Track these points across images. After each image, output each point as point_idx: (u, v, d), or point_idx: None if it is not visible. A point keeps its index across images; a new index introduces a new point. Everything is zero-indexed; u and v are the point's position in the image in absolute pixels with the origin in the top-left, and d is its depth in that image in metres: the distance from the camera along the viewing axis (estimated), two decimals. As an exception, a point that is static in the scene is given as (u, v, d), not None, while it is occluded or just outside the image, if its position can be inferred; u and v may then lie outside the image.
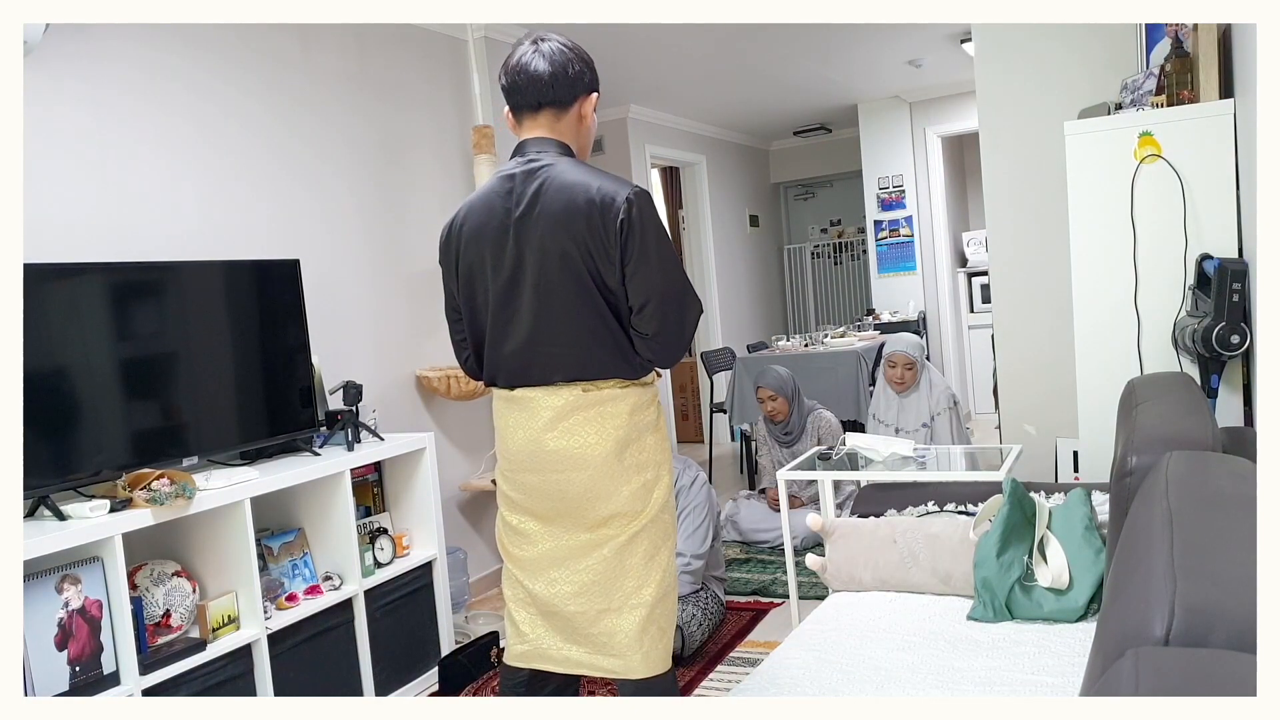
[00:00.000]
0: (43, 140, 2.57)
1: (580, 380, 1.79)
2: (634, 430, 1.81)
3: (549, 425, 1.80)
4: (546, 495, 1.83)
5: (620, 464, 1.79)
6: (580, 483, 1.80)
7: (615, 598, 1.82)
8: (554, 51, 1.80)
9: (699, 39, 4.93)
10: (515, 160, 1.84)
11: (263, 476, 2.59)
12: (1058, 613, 2.10)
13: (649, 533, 1.84)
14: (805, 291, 8.90)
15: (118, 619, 2.21)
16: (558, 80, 1.79)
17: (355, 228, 3.56)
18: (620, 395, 1.80)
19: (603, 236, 1.72)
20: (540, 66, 1.78)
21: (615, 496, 1.80)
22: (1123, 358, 2.67)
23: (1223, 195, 2.51)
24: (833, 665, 1.99)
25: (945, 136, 7.19)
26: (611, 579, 1.82)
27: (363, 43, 3.66)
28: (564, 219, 1.73)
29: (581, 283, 1.74)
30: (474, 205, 1.87)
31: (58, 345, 2.28)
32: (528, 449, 1.82)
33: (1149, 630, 0.98)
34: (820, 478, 3.01)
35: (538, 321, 1.78)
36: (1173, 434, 1.71)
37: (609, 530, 1.82)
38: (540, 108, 1.82)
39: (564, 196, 1.73)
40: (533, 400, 1.81)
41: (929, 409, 4.10)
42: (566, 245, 1.73)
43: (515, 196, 1.79)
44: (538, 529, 1.88)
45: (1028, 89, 3.49)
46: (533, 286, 1.77)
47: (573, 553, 1.84)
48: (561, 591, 1.84)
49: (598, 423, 1.79)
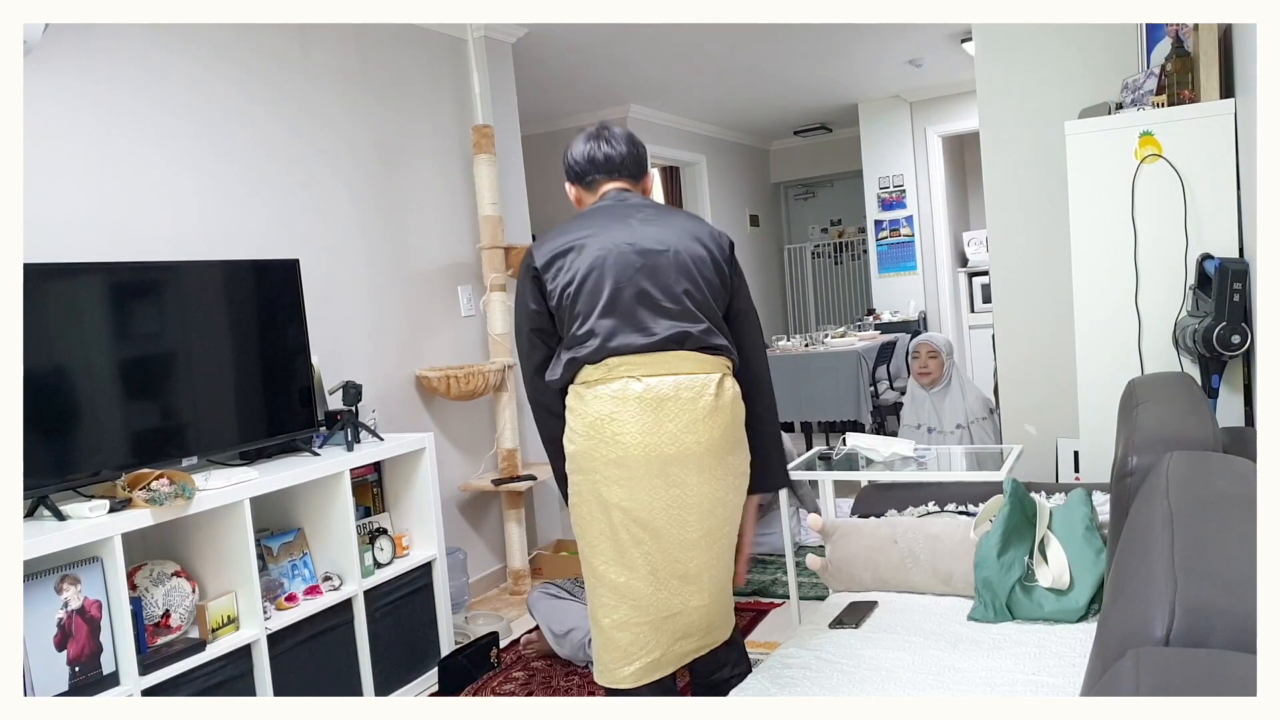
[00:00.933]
0: (43, 140, 2.56)
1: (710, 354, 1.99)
2: (742, 422, 2.06)
3: (691, 424, 1.93)
4: (678, 499, 1.94)
5: (735, 457, 2.02)
6: (707, 482, 1.97)
7: (723, 582, 2.07)
8: (622, 136, 2.17)
9: (699, 39, 4.93)
10: (610, 197, 2.11)
11: (262, 477, 2.59)
12: (1058, 613, 2.10)
13: (739, 513, 2.10)
14: (805, 291, 8.90)
15: (117, 619, 2.21)
16: (631, 156, 2.16)
17: (355, 227, 3.56)
18: (731, 386, 2.01)
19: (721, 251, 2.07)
20: (617, 148, 2.14)
21: (729, 492, 2.02)
22: (1123, 358, 2.67)
23: (1223, 195, 2.51)
24: (833, 665, 1.99)
25: (945, 136, 7.19)
26: (723, 570, 2.06)
27: (363, 43, 3.66)
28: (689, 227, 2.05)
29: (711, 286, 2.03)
30: (585, 214, 2.08)
31: (58, 345, 2.28)
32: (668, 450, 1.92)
33: (1149, 630, 0.98)
34: (820, 478, 3.01)
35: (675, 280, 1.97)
36: (1173, 434, 1.71)
37: (724, 526, 2.04)
38: (618, 175, 2.14)
39: (679, 218, 2.07)
40: (673, 396, 1.92)
41: (965, 413, 4.05)
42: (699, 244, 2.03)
43: (640, 206, 2.07)
44: (656, 542, 1.96)
45: (1028, 89, 3.49)
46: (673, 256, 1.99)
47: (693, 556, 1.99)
48: (684, 592, 2.00)
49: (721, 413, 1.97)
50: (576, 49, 4.88)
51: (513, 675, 3.11)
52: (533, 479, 3.91)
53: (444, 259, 3.99)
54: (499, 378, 3.87)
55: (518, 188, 4.46)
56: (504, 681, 3.07)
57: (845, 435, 3.22)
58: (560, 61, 5.07)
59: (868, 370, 5.77)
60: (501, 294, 3.97)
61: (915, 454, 3.03)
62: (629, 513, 1.94)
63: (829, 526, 2.54)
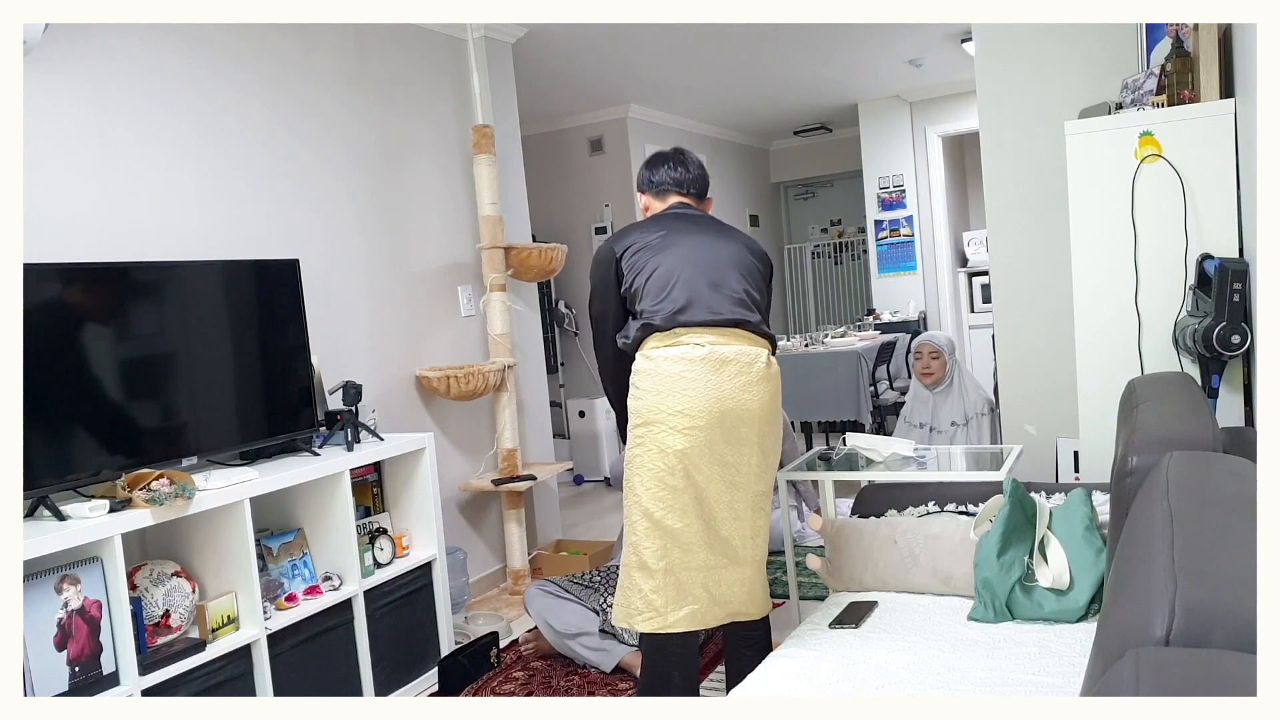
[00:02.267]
0: (43, 140, 2.56)
1: (755, 333, 2.28)
2: (780, 395, 2.33)
3: (747, 385, 2.20)
4: (733, 453, 2.20)
5: (776, 426, 2.30)
6: (758, 441, 2.23)
7: (758, 552, 2.28)
8: (695, 161, 2.52)
9: (699, 39, 4.93)
10: (677, 206, 2.46)
11: (262, 477, 2.59)
12: (1058, 613, 2.10)
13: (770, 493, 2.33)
14: (805, 291, 8.90)
15: (117, 619, 2.21)
16: (699, 179, 2.50)
17: (355, 227, 3.56)
18: (775, 364, 2.30)
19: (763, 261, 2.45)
20: (692, 172, 2.48)
21: (771, 458, 2.29)
22: (1123, 358, 2.67)
23: (1223, 195, 2.51)
24: (833, 665, 1.99)
25: (945, 136, 7.19)
26: (760, 535, 2.29)
27: (363, 43, 3.66)
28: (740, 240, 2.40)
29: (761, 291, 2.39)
30: (658, 222, 2.40)
31: (58, 345, 2.28)
32: (727, 405, 2.18)
33: (1149, 630, 0.98)
34: (820, 478, 3.01)
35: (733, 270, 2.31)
36: (1173, 434, 1.71)
37: (766, 488, 2.29)
38: (686, 192, 2.48)
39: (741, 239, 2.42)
40: (733, 359, 2.20)
41: (964, 411, 4.06)
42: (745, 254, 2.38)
43: (700, 221, 2.41)
44: (709, 489, 2.20)
45: (1028, 89, 3.49)
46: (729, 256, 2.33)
47: (741, 511, 2.24)
48: (727, 551, 2.23)
49: (770, 380, 2.26)
50: (576, 49, 4.88)
51: (513, 675, 3.11)
52: (532, 479, 3.91)
53: (444, 259, 3.99)
54: (499, 378, 3.87)
55: (518, 188, 4.46)
56: (504, 681, 3.07)
57: (845, 435, 3.22)
58: (560, 61, 5.07)
59: (868, 370, 5.77)
60: (501, 294, 3.97)
61: (915, 454, 3.03)
62: (689, 459, 2.18)
63: (829, 526, 2.54)
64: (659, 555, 2.20)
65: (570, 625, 3.07)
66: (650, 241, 2.33)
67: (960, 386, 4.09)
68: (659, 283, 2.27)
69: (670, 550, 2.20)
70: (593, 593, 3.18)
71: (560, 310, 6.58)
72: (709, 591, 2.23)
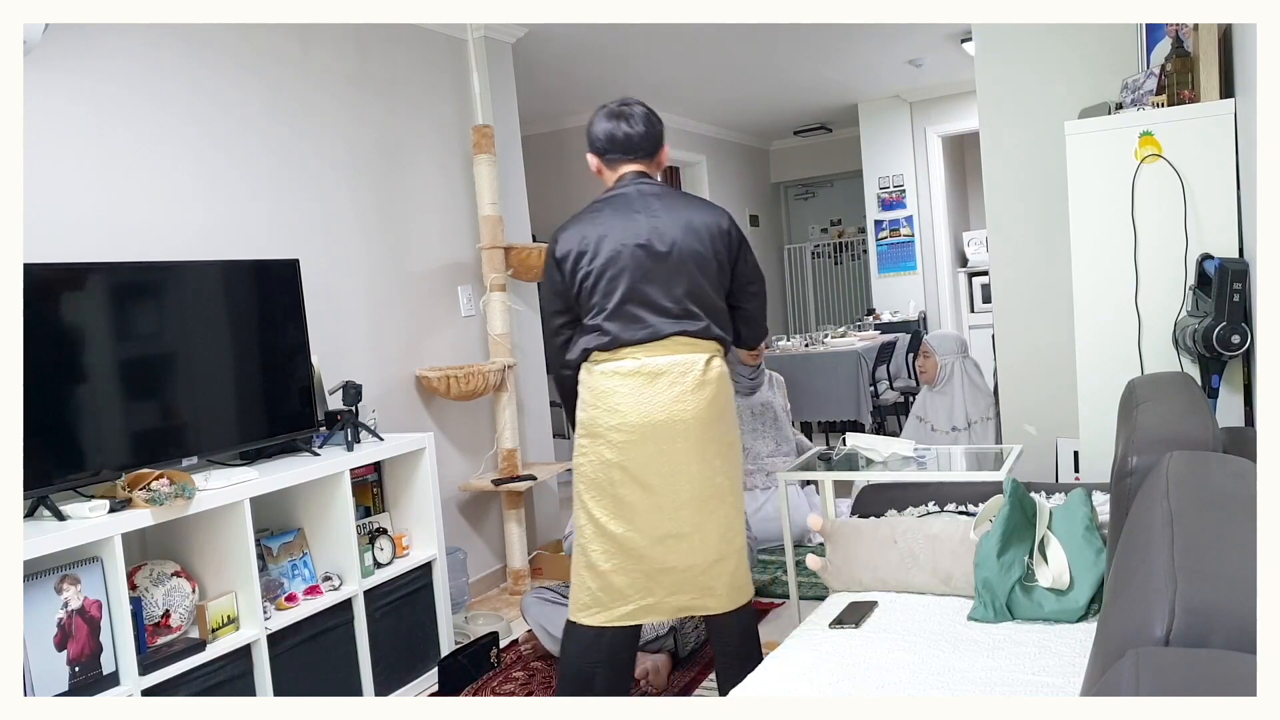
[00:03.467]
0: (43, 140, 2.56)
1: (699, 338, 2.23)
2: (731, 398, 2.29)
3: (681, 395, 2.19)
4: (666, 463, 2.20)
5: (724, 428, 2.25)
6: (697, 449, 2.20)
7: (720, 549, 2.26)
8: (641, 114, 2.33)
9: (699, 39, 4.93)
10: (632, 183, 2.31)
11: (262, 477, 2.59)
12: (1058, 613, 2.10)
13: (736, 488, 2.30)
14: (805, 291, 8.90)
15: (117, 619, 2.21)
16: (648, 136, 2.33)
17: (355, 227, 3.56)
18: (719, 365, 2.25)
19: (724, 239, 2.29)
20: (635, 127, 2.31)
21: (719, 459, 2.24)
22: (1123, 358, 2.67)
23: (1223, 195, 2.51)
24: (833, 665, 1.99)
25: (945, 136, 7.19)
26: (718, 534, 2.25)
27: (363, 43, 3.66)
28: (696, 223, 2.25)
29: (710, 280, 2.26)
30: (601, 207, 2.30)
31: (58, 345, 2.28)
32: (657, 417, 2.19)
33: (1149, 630, 0.98)
34: (820, 478, 3.01)
35: (673, 282, 2.22)
36: (1173, 434, 1.71)
37: (718, 492, 2.24)
38: (636, 157, 2.33)
39: (693, 208, 2.28)
40: (666, 370, 2.20)
41: (965, 414, 4.05)
42: (701, 239, 2.25)
43: (651, 200, 2.27)
44: (647, 499, 2.21)
45: (1028, 89, 3.49)
46: (675, 260, 2.22)
47: (684, 515, 2.22)
48: (676, 551, 2.22)
49: (707, 386, 2.22)
50: (576, 49, 4.88)
51: (513, 675, 3.11)
52: (532, 479, 3.91)
53: (444, 259, 3.99)
54: (499, 378, 3.87)
55: (518, 188, 4.46)
56: (504, 681, 3.07)
57: (845, 435, 3.21)
58: (560, 61, 5.07)
59: (868, 370, 5.77)
60: (501, 294, 3.97)
61: (915, 454, 3.03)
62: (627, 471, 2.21)
63: (829, 526, 2.54)
64: (605, 557, 2.25)
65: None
66: (591, 240, 2.25)
67: (961, 388, 4.08)
68: (599, 300, 2.24)
69: (615, 554, 2.24)
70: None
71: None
72: (653, 591, 2.25)
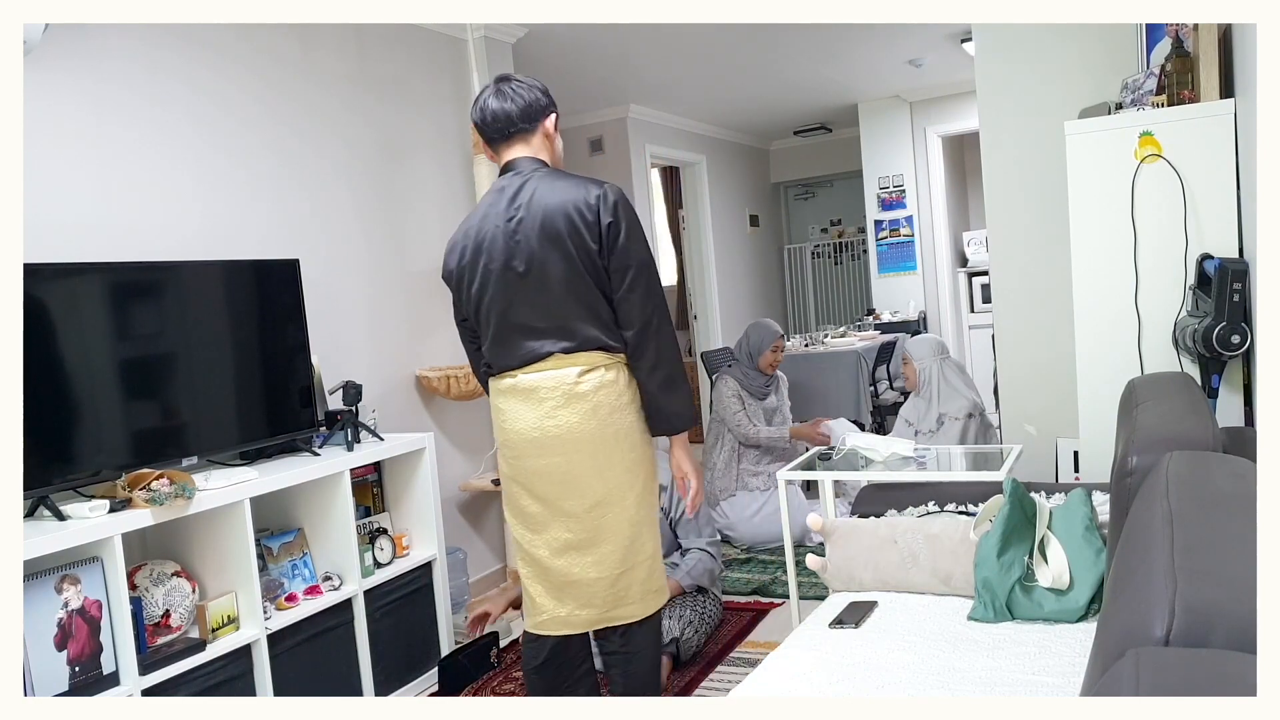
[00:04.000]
0: (43, 140, 2.56)
1: (576, 352, 2.11)
2: (621, 408, 2.14)
3: (551, 411, 2.11)
4: (554, 478, 2.14)
5: (615, 441, 2.12)
6: (579, 463, 2.12)
7: (627, 560, 2.17)
8: (514, 90, 2.17)
9: (699, 38, 4.93)
10: (505, 176, 2.19)
11: (262, 476, 2.59)
12: (1058, 613, 2.10)
13: (644, 500, 2.19)
14: (805, 291, 8.90)
15: (117, 619, 2.21)
16: (521, 113, 2.17)
17: (355, 227, 3.56)
18: (607, 376, 2.12)
19: (590, 226, 2.08)
20: (506, 105, 2.15)
21: (610, 473, 2.13)
22: (1123, 358, 2.67)
23: (1223, 195, 2.51)
24: (832, 665, 1.99)
25: (945, 136, 7.19)
26: (621, 547, 2.16)
27: (362, 43, 3.66)
28: (554, 217, 2.08)
29: (574, 287, 2.09)
30: (472, 220, 2.20)
31: (58, 345, 2.28)
32: (533, 434, 2.13)
33: (1149, 630, 0.98)
34: (820, 478, 3.01)
35: (538, 303, 2.11)
36: (1173, 434, 1.71)
37: (610, 505, 2.14)
38: (512, 136, 2.19)
39: (555, 197, 2.09)
40: (536, 387, 2.12)
41: (936, 412, 4.07)
42: (559, 238, 2.08)
43: (513, 205, 2.13)
44: (544, 512, 2.18)
45: (1028, 89, 3.49)
46: (535, 278, 2.10)
47: (581, 527, 2.15)
48: (579, 564, 2.17)
49: (583, 399, 2.10)
50: (576, 49, 4.88)
51: (513, 675, 3.11)
52: (533, 479, 3.91)
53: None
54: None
55: (518, 188, 4.45)
56: (504, 681, 3.07)
57: (845, 435, 3.21)
58: (560, 61, 5.07)
59: (867, 370, 5.77)
60: (501, 294, 3.97)
61: (915, 454, 3.03)
62: (520, 484, 2.20)
63: (829, 526, 2.54)
64: (523, 565, 2.28)
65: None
66: (465, 271, 2.18)
67: (936, 391, 4.10)
68: (483, 330, 2.20)
69: (527, 563, 2.26)
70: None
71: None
72: (564, 603, 2.20)
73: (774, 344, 4.50)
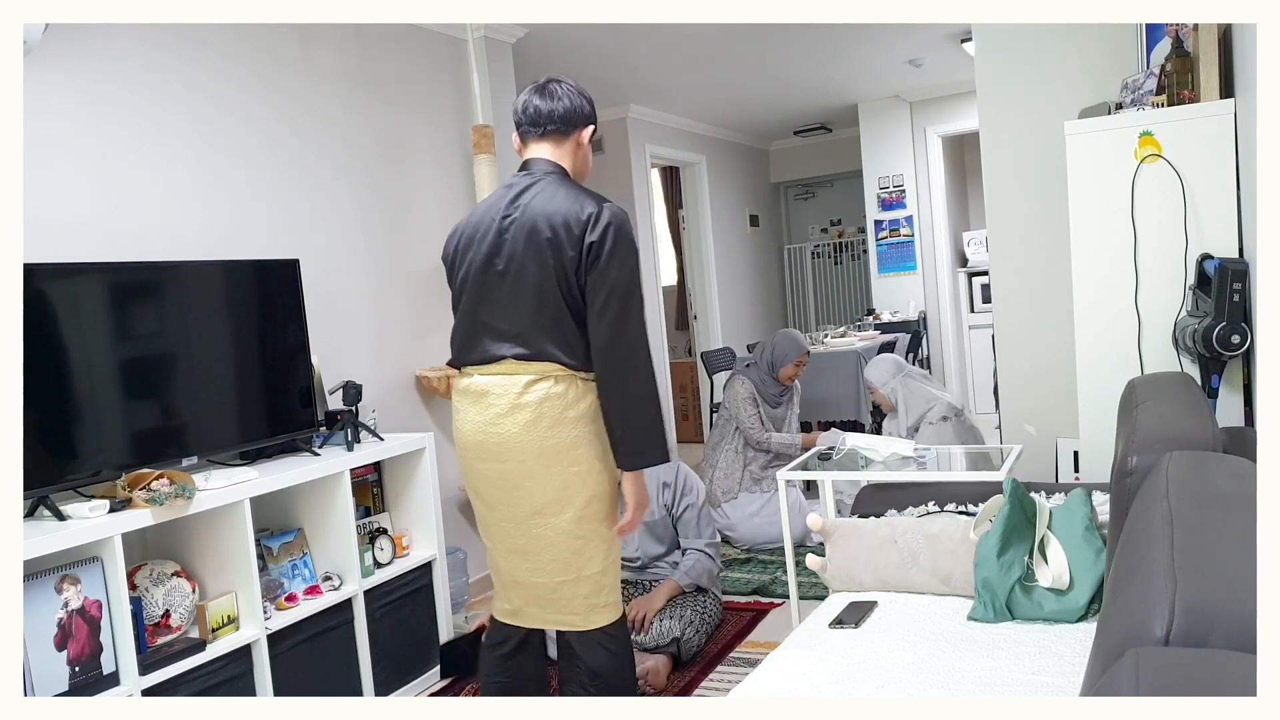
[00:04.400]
0: (43, 140, 2.56)
1: (530, 360, 2.09)
2: (566, 421, 2.10)
3: (495, 418, 2.11)
4: (494, 483, 2.15)
5: (555, 454, 2.09)
6: (516, 471, 2.11)
7: (568, 572, 2.14)
8: (564, 91, 2.18)
9: (699, 39, 4.93)
10: (519, 174, 2.19)
11: (262, 476, 2.59)
12: (1058, 613, 2.10)
13: (586, 516, 2.13)
14: (805, 291, 8.90)
15: (117, 619, 2.21)
16: (564, 115, 2.16)
17: (355, 227, 3.56)
18: (554, 389, 2.09)
19: (574, 242, 2.04)
20: (550, 104, 2.16)
21: (548, 485, 2.10)
22: (1123, 358, 2.67)
23: (1223, 195, 2.51)
24: (832, 665, 1.99)
25: (945, 136, 7.19)
26: (560, 558, 2.13)
27: (363, 43, 3.66)
28: (542, 226, 2.06)
29: (547, 278, 2.06)
30: (477, 210, 2.21)
31: (58, 345, 2.28)
32: (478, 438, 2.14)
33: (1149, 630, 0.98)
34: (820, 478, 3.01)
35: (508, 305, 2.11)
36: (1173, 434, 1.71)
37: (546, 517, 2.12)
38: (546, 134, 2.17)
39: (551, 205, 2.07)
40: (486, 391, 2.12)
41: (906, 424, 4.17)
42: (541, 247, 2.06)
43: (513, 204, 2.13)
44: (490, 514, 2.20)
45: (1028, 89, 3.49)
46: (511, 278, 2.10)
47: (523, 532, 2.15)
48: (521, 567, 2.18)
49: (527, 409, 2.08)
50: (576, 49, 4.88)
51: (513, 675, 3.11)
52: (533, 479, 3.91)
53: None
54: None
55: (518, 188, 4.45)
56: (504, 681, 3.07)
57: (845, 435, 3.21)
58: (560, 61, 5.07)
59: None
60: (501, 294, 3.97)
61: (915, 454, 3.03)
62: (470, 485, 2.22)
63: (829, 526, 2.54)
64: (488, 554, 2.30)
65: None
66: (456, 259, 2.20)
67: (906, 406, 4.20)
68: (457, 318, 2.21)
69: (489, 554, 2.28)
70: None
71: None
72: (511, 599, 2.22)
73: (799, 359, 4.53)
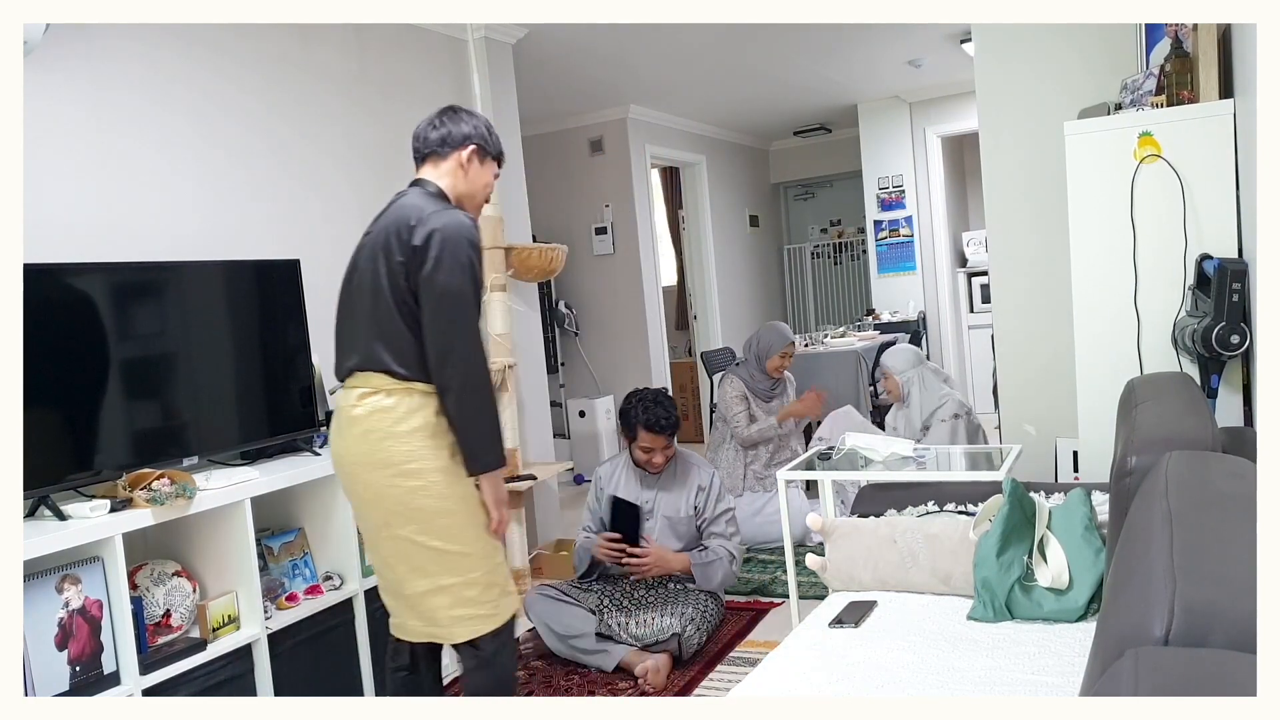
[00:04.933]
0: (43, 141, 2.56)
1: (365, 371, 2.11)
2: (397, 435, 2.08)
3: (338, 431, 2.16)
4: (350, 494, 2.19)
5: (386, 468, 2.08)
6: (354, 486, 2.14)
7: (425, 581, 2.13)
8: (449, 118, 2.24)
9: (699, 39, 4.93)
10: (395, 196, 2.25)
11: (263, 476, 2.59)
12: (1058, 613, 2.10)
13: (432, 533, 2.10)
14: (805, 291, 8.90)
15: (118, 619, 2.21)
16: (440, 138, 2.23)
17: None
18: (384, 402, 2.09)
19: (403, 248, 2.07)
20: (429, 130, 2.24)
21: (385, 499, 2.09)
22: (1123, 358, 2.67)
23: (1223, 195, 2.51)
24: (832, 665, 1.99)
25: (945, 136, 7.19)
26: (416, 567, 2.13)
27: (363, 42, 3.66)
28: (381, 236, 2.12)
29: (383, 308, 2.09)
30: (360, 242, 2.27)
31: (58, 345, 2.28)
32: (334, 451, 2.19)
33: (1149, 630, 0.98)
34: (820, 478, 3.01)
35: (356, 317, 2.15)
36: (1173, 434, 1.71)
37: (393, 529, 2.12)
38: (424, 157, 2.26)
39: (394, 215, 2.13)
40: (339, 406, 2.16)
41: (919, 420, 4.13)
42: (377, 256, 2.11)
43: (378, 218, 2.21)
44: (360, 525, 2.24)
45: (1028, 89, 3.49)
46: (357, 290, 2.17)
47: (381, 548, 2.18)
48: (387, 577, 2.21)
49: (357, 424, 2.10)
50: (576, 49, 4.88)
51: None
52: (533, 479, 3.92)
53: (444, 259, 3.98)
54: (499, 378, 3.87)
55: (518, 188, 4.46)
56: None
57: (845, 435, 3.22)
58: (560, 61, 5.07)
59: (867, 370, 5.77)
60: (502, 294, 3.97)
61: (915, 454, 3.03)
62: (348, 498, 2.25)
63: (829, 526, 2.54)
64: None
65: (570, 628, 3.08)
66: (348, 265, 2.25)
67: (919, 399, 4.15)
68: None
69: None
70: (591, 595, 3.19)
71: (560, 310, 6.58)
72: (397, 607, 2.25)
73: (784, 350, 4.53)
